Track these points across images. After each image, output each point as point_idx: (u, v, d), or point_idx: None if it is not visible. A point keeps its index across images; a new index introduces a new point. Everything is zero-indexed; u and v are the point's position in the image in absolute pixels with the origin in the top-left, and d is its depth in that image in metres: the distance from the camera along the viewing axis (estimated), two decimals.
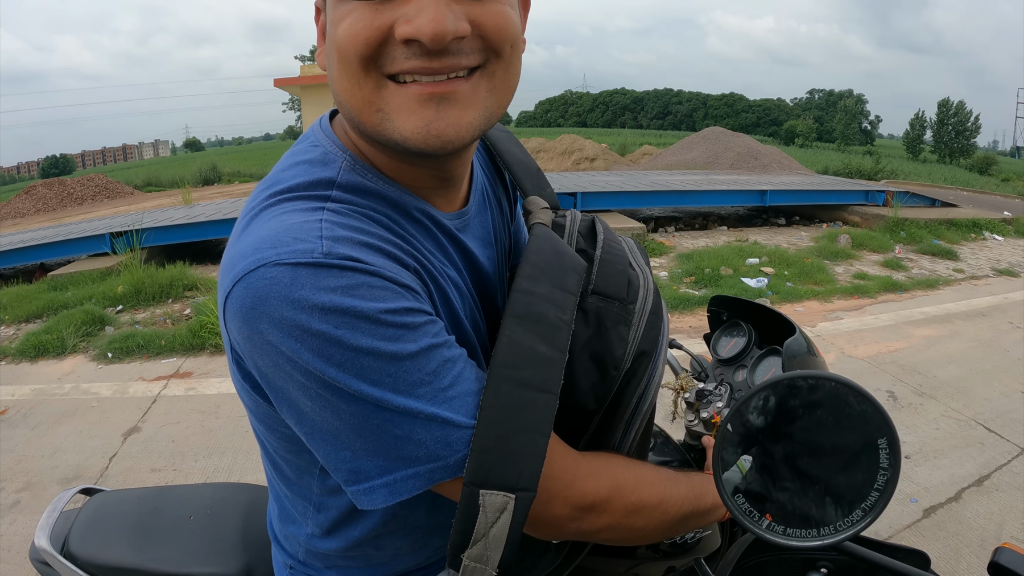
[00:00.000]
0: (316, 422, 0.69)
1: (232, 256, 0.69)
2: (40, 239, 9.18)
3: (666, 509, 0.89)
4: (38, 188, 23.38)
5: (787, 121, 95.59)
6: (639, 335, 0.87)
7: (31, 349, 5.37)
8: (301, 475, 0.90)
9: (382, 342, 0.66)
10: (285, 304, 0.64)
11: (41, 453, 3.72)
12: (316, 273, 0.64)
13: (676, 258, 7.93)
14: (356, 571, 0.99)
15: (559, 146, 22.87)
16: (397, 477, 0.70)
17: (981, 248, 9.05)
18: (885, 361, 4.82)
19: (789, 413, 0.76)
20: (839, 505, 0.74)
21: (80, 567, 1.21)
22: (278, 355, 0.65)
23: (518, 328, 0.75)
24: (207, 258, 9.01)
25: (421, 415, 0.68)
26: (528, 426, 0.71)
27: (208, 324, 5.38)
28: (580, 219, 1.03)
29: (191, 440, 3.80)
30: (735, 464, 0.77)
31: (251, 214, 0.74)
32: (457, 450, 0.70)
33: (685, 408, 1.43)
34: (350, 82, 0.71)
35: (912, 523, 2.97)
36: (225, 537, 1.27)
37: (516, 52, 0.74)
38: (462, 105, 0.71)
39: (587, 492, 0.80)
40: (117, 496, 1.41)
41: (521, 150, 1.10)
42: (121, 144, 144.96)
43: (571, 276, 0.83)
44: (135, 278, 6.78)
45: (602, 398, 0.86)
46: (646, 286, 0.91)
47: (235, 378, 0.78)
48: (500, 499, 0.69)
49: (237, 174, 30.21)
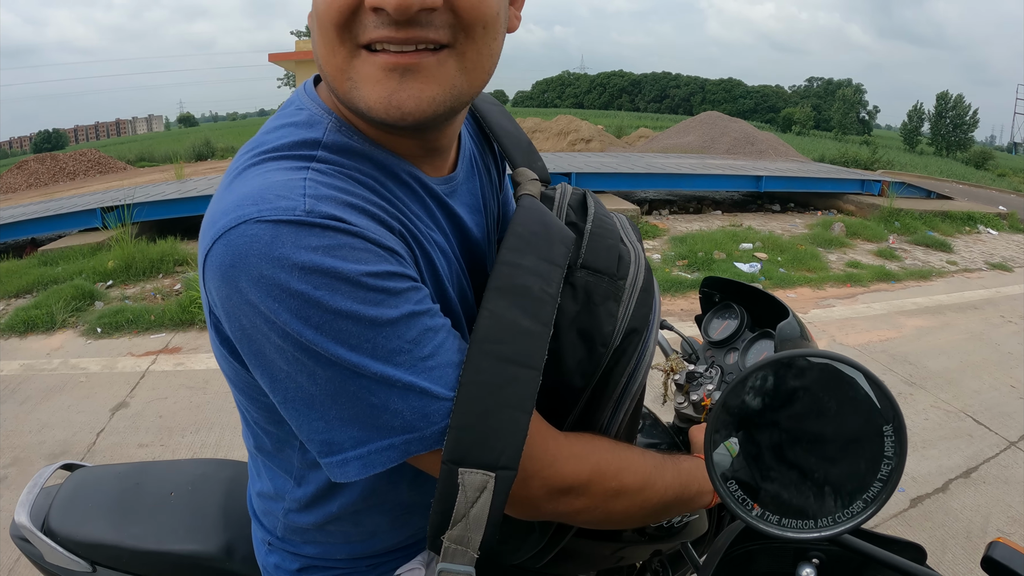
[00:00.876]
0: (290, 389, 0.67)
1: (213, 213, 0.68)
2: (31, 214, 9.13)
3: (648, 496, 0.87)
4: (30, 163, 23.27)
5: (785, 108, 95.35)
6: (629, 312, 0.84)
7: (20, 324, 5.33)
8: (281, 447, 0.88)
9: (362, 306, 0.64)
10: (265, 262, 0.62)
11: (29, 428, 3.70)
12: (298, 231, 0.63)
13: (669, 241, 7.93)
14: (334, 547, 0.97)
15: (555, 126, 22.80)
16: (371, 449, 0.68)
17: (975, 241, 9.05)
18: (876, 350, 4.83)
19: (787, 395, 0.71)
20: (839, 495, 0.70)
21: (60, 544, 1.20)
22: (256, 315, 0.63)
23: (501, 301, 0.73)
24: (198, 233, 8.97)
25: (399, 383, 0.67)
26: (510, 403, 0.68)
27: (197, 299, 5.34)
28: (571, 192, 1.01)
29: (179, 416, 3.79)
30: (726, 443, 0.72)
31: (234, 173, 0.72)
32: (434, 422, 0.68)
33: (675, 390, 1.40)
34: (327, 49, 0.70)
35: (899, 512, 2.98)
36: (206, 514, 1.25)
37: (491, 32, 0.72)
38: (425, 79, 0.69)
39: (567, 474, 0.78)
40: (98, 472, 1.39)
41: (512, 123, 1.08)
42: (114, 119, 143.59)
43: (558, 248, 0.81)
44: (126, 253, 6.74)
45: (589, 376, 0.83)
46: (637, 262, 0.89)
47: (214, 344, 0.76)
48: (480, 478, 0.67)
49: (231, 149, 29.94)
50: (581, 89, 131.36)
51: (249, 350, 0.67)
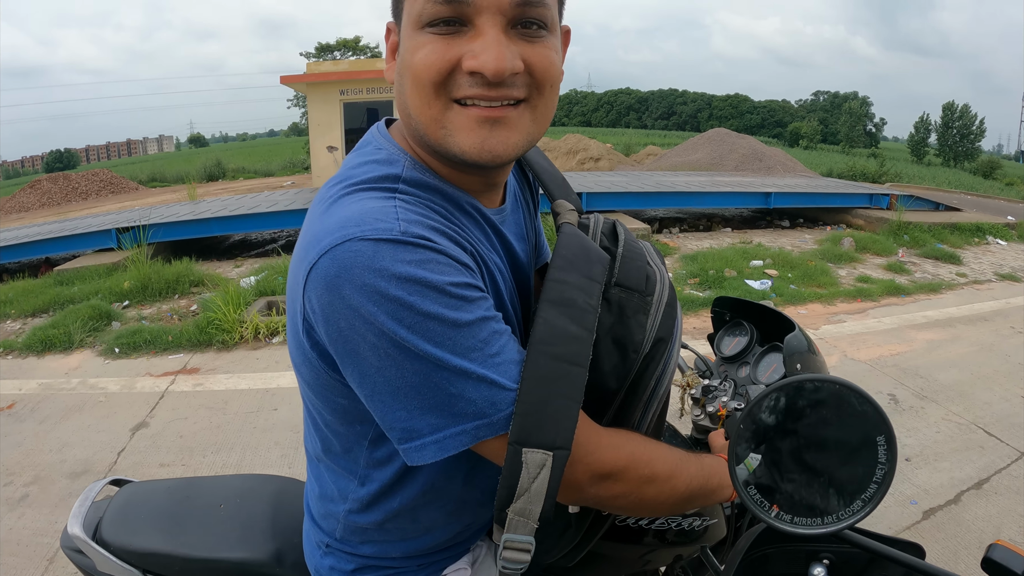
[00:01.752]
0: (379, 382, 0.78)
1: (316, 233, 0.79)
2: (46, 234, 9.24)
3: (676, 484, 0.97)
4: (43, 182, 23.48)
5: (792, 123, 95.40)
6: (657, 323, 0.96)
7: (38, 343, 5.42)
8: (349, 448, 0.99)
9: (446, 309, 0.76)
10: (368, 272, 0.74)
11: (49, 447, 3.76)
12: (395, 248, 0.75)
13: (681, 259, 7.96)
14: (391, 546, 1.07)
15: (564, 145, 22.91)
16: (447, 434, 0.80)
17: (984, 252, 9.06)
18: (887, 364, 4.85)
19: (796, 412, 0.82)
20: (841, 496, 0.80)
21: (113, 553, 1.26)
22: (356, 317, 0.75)
23: (552, 311, 0.85)
24: (212, 254, 9.06)
25: (473, 375, 0.78)
26: (563, 393, 0.80)
27: (215, 320, 5.42)
28: (603, 221, 1.13)
29: (199, 436, 3.84)
30: (746, 461, 0.83)
31: (328, 201, 0.84)
32: (501, 409, 0.80)
33: (691, 404, 1.50)
34: (421, 101, 0.83)
35: (911, 524, 2.99)
36: (255, 524, 1.31)
37: (555, 89, 0.88)
38: (510, 128, 0.84)
39: (606, 460, 0.89)
40: (147, 486, 1.45)
41: (547, 161, 1.24)
42: (125, 139, 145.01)
43: (597, 267, 0.93)
44: (141, 274, 6.83)
45: (623, 379, 0.95)
46: (662, 281, 1.01)
47: (301, 350, 0.87)
48: (540, 456, 0.78)
49: (242, 170, 30.31)
50: (589, 107, 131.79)
51: (344, 349, 0.78)
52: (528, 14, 0.81)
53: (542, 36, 0.84)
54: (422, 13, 0.80)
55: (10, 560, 2.78)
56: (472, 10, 0.79)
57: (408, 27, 0.84)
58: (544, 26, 0.84)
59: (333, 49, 47.71)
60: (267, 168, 31.77)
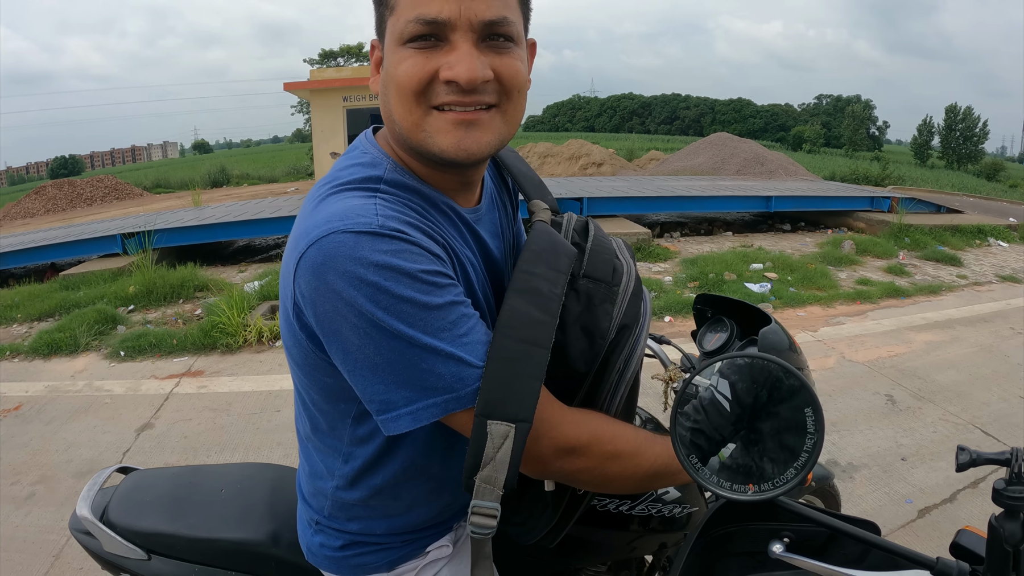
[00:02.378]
0: (359, 359, 0.88)
1: (306, 227, 0.89)
2: (52, 239, 9.31)
3: (640, 461, 1.04)
4: (48, 188, 23.54)
5: (795, 127, 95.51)
6: (622, 311, 1.05)
7: (44, 347, 5.48)
8: (334, 426, 1.08)
9: (418, 293, 0.86)
10: (349, 260, 0.84)
11: (55, 448, 3.81)
12: (373, 239, 0.85)
13: (681, 263, 7.99)
14: (376, 522, 1.15)
15: (566, 151, 22.94)
16: (420, 406, 0.89)
17: (986, 254, 9.05)
18: (885, 365, 4.88)
19: (734, 387, 0.90)
20: (776, 464, 0.86)
21: (119, 534, 1.33)
22: (338, 300, 0.85)
23: (518, 299, 0.94)
24: (217, 259, 9.12)
25: (442, 352, 0.88)
26: (525, 372, 0.89)
27: (219, 324, 5.47)
28: (576, 220, 1.21)
29: (203, 436, 3.89)
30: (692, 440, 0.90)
31: (318, 199, 0.95)
32: (468, 384, 0.89)
33: (674, 397, 1.55)
34: (404, 108, 0.93)
35: (907, 523, 3.02)
36: (254, 507, 1.39)
37: (523, 94, 0.99)
38: (483, 130, 0.95)
39: (570, 435, 0.97)
40: (153, 473, 1.54)
41: (524, 164, 1.33)
42: (130, 145, 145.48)
43: (563, 260, 1.02)
44: (146, 278, 6.89)
45: (590, 363, 1.02)
46: (628, 273, 1.09)
47: (292, 333, 0.97)
48: (503, 428, 0.86)
49: (246, 176, 30.42)
50: (592, 112, 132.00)
51: (328, 329, 0.88)
52: (495, 30, 0.91)
53: (509, 48, 0.94)
54: (404, 31, 0.90)
55: (16, 557, 2.84)
56: (447, 28, 0.89)
57: (391, 43, 0.93)
58: (511, 39, 0.94)
59: (336, 55, 47.84)
60: (271, 174, 31.89)
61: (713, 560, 1.11)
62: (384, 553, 1.17)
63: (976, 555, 0.96)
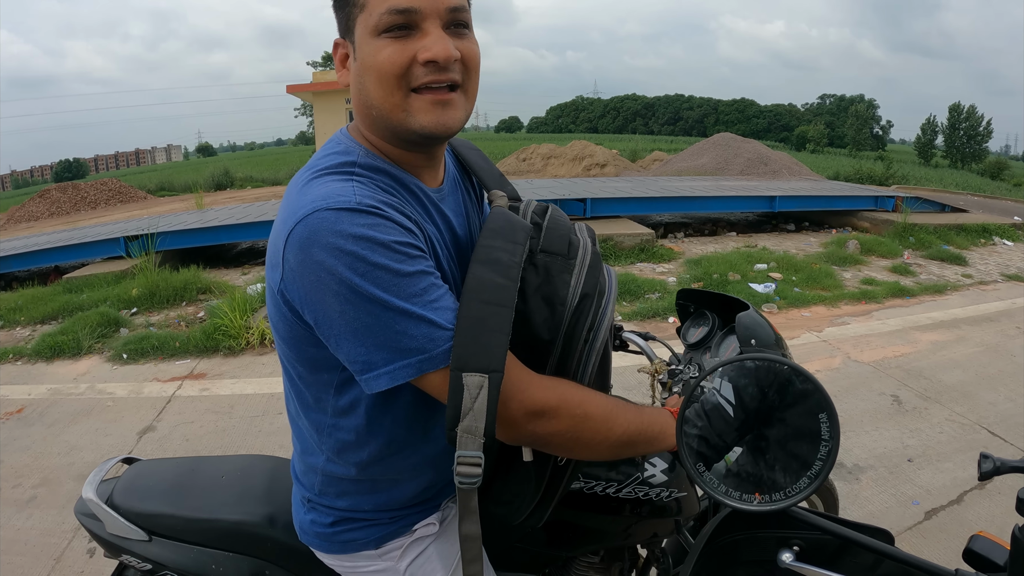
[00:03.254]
0: (340, 324, 0.96)
1: (292, 208, 0.99)
2: (55, 242, 9.31)
3: (612, 426, 1.09)
4: (52, 192, 23.53)
5: (798, 126, 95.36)
6: (581, 281, 1.11)
7: (47, 349, 5.48)
8: (319, 397, 1.15)
9: (392, 262, 0.94)
10: (330, 234, 0.93)
11: (57, 450, 3.80)
12: (352, 215, 0.94)
13: (685, 264, 7.97)
14: (363, 498, 1.22)
15: (570, 152, 22.91)
16: (396, 366, 0.97)
17: (991, 253, 9.02)
18: (891, 366, 4.85)
19: (741, 391, 0.87)
20: (787, 473, 0.82)
21: (123, 516, 1.42)
22: (321, 269, 0.93)
23: (481, 268, 1.03)
24: (220, 262, 9.11)
25: (414, 315, 0.96)
26: (492, 327, 0.96)
27: (222, 327, 5.46)
28: (536, 204, 1.31)
29: (205, 439, 3.88)
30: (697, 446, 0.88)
31: (301, 183, 1.04)
32: (439, 344, 0.97)
33: (660, 389, 1.60)
34: (385, 92, 1.03)
35: (914, 524, 3.00)
36: (252, 492, 1.47)
37: (478, 73, 1.11)
38: (455, 108, 1.07)
39: (538, 399, 1.03)
40: (156, 463, 1.62)
41: (484, 160, 1.44)
42: (134, 149, 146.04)
43: (520, 233, 1.12)
44: (149, 281, 6.89)
45: (554, 330, 1.09)
46: (584, 248, 1.17)
47: (278, 307, 1.04)
48: (478, 379, 0.93)
49: (250, 179, 30.38)
50: (595, 113, 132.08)
51: (314, 298, 0.96)
52: (457, 18, 1.05)
53: (467, 34, 1.08)
54: (379, 23, 1.01)
55: (17, 560, 2.83)
56: (419, 17, 1.01)
57: (365, 36, 1.03)
58: (466, 25, 1.08)
59: None
60: (275, 177, 31.75)
61: (720, 568, 1.08)
62: (372, 530, 1.24)
63: (991, 562, 0.93)
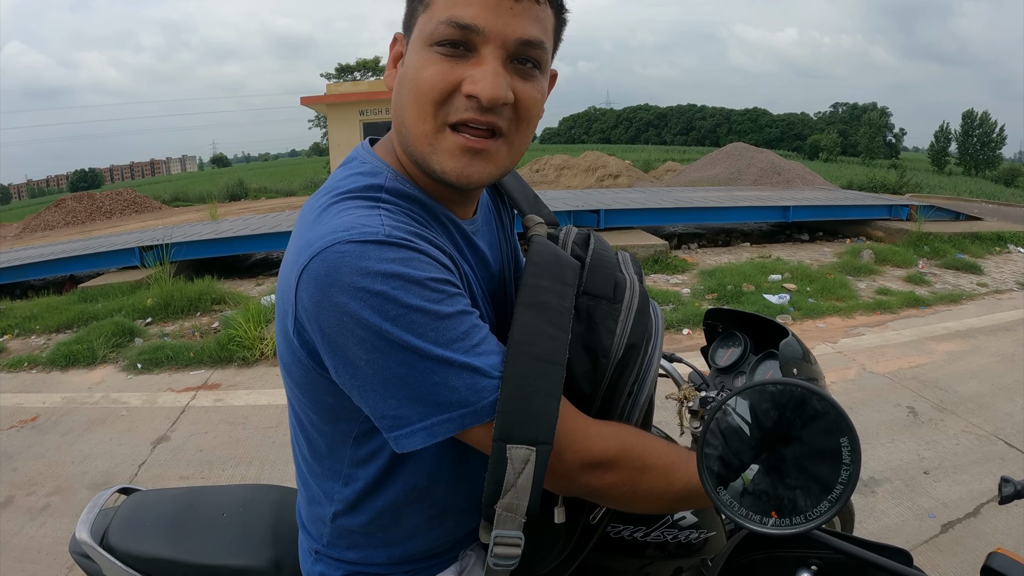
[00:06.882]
0: (368, 374, 0.83)
1: (307, 239, 0.85)
2: (71, 251, 9.40)
3: (673, 479, 0.97)
4: (68, 201, 23.80)
5: (811, 135, 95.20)
6: (628, 329, 0.99)
7: (61, 358, 5.51)
8: (334, 448, 1.02)
9: (428, 303, 0.81)
10: (354, 271, 0.79)
11: (71, 459, 3.82)
12: (380, 248, 0.81)
13: (699, 275, 7.93)
14: (376, 551, 1.09)
15: (583, 163, 22.96)
16: (435, 421, 0.84)
17: (1006, 261, 8.93)
18: (906, 376, 4.80)
19: (762, 415, 0.85)
20: (808, 497, 0.81)
21: (118, 559, 1.29)
22: (343, 314, 0.80)
23: (528, 314, 0.90)
24: (234, 273, 9.16)
25: (456, 363, 0.83)
26: (543, 391, 0.85)
27: (236, 337, 5.48)
28: (576, 232, 1.19)
29: (219, 449, 3.88)
30: (717, 468, 0.85)
31: (318, 210, 0.90)
32: (484, 397, 0.84)
33: (689, 417, 1.47)
34: (418, 116, 0.90)
35: (930, 538, 2.95)
36: (256, 532, 1.34)
37: (532, 127, 0.95)
38: (487, 160, 0.92)
39: (595, 449, 0.92)
40: (154, 495, 1.49)
41: (519, 181, 1.31)
42: (149, 159, 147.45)
43: (568, 272, 0.99)
44: (164, 291, 6.92)
45: (595, 384, 0.98)
46: (632, 289, 1.04)
47: (291, 349, 0.91)
48: (524, 451, 0.83)
49: (264, 190, 30.62)
50: (608, 124, 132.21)
51: (334, 345, 0.83)
52: (527, 53, 0.89)
53: (535, 75, 0.92)
54: (434, 32, 0.87)
55: (30, 568, 2.83)
56: (480, 39, 0.86)
57: (417, 42, 0.89)
58: (538, 66, 0.91)
59: (353, 69, 48.10)
60: (289, 188, 32.03)
61: None
62: None
63: None
